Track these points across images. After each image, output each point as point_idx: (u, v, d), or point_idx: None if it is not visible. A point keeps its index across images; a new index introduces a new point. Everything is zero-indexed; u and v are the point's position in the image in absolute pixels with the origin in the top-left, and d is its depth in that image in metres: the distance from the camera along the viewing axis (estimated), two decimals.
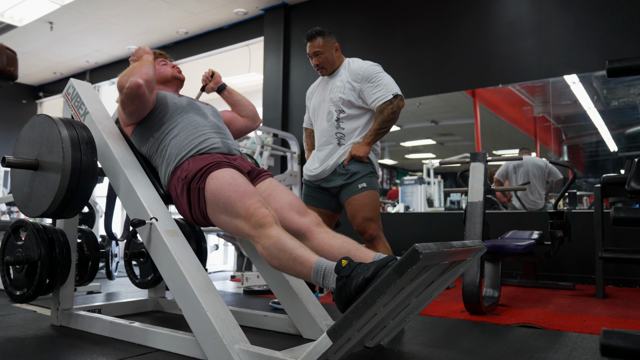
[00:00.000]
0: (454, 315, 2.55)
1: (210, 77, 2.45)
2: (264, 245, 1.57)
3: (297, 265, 1.49)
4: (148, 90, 1.92)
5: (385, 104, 2.53)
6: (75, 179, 1.86)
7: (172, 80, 2.27)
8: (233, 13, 6.21)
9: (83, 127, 1.98)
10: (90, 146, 1.92)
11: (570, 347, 1.90)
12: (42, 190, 1.91)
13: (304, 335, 2.01)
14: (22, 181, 2.02)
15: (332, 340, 1.26)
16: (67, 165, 1.83)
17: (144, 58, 2.03)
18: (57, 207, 1.88)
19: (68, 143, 1.85)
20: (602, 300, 3.09)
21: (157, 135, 2.01)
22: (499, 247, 2.87)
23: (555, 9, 4.29)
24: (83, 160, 1.87)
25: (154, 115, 2.03)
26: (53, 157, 1.88)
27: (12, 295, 2.22)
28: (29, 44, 7.35)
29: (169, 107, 2.05)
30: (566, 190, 3.61)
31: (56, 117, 1.95)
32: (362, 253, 1.63)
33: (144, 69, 1.93)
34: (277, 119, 5.76)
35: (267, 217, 1.60)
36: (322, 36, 2.66)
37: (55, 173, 1.86)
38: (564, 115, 4.49)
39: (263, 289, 3.44)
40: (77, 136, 1.90)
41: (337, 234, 1.76)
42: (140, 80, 1.87)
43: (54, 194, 1.85)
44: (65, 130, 1.88)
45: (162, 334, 1.82)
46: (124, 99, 1.92)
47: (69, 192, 1.86)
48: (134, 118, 2.03)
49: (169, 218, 1.87)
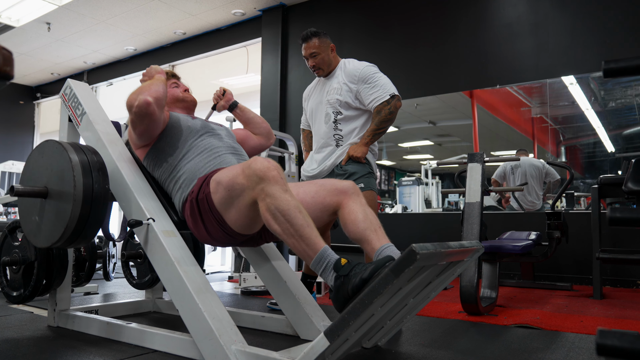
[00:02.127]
0: (451, 316, 2.55)
1: (222, 95, 2.36)
2: (268, 205, 1.50)
3: (301, 243, 1.46)
4: (158, 108, 1.85)
5: (383, 104, 2.53)
6: (87, 208, 1.77)
7: (184, 102, 2.20)
8: (231, 14, 6.20)
9: (93, 152, 1.91)
10: (102, 173, 1.85)
11: (567, 347, 1.90)
12: (52, 220, 1.83)
13: (302, 336, 2.01)
14: (31, 209, 1.94)
15: (329, 341, 1.26)
16: (78, 194, 1.75)
17: (155, 77, 1.98)
18: (69, 237, 1.80)
19: (79, 170, 1.78)
20: (600, 300, 3.09)
21: (170, 160, 1.94)
22: (497, 247, 2.87)
23: (552, 10, 4.30)
24: (95, 188, 1.80)
25: (166, 139, 1.96)
26: (63, 184, 1.80)
27: (9, 296, 2.22)
28: (27, 44, 7.33)
29: (183, 130, 1.98)
30: (564, 191, 3.61)
31: (65, 143, 1.88)
32: (376, 237, 1.63)
33: (154, 87, 1.88)
34: (274, 120, 5.76)
35: (270, 171, 1.52)
36: (317, 37, 2.66)
37: (66, 201, 1.78)
38: (562, 116, 4.50)
39: (260, 290, 3.43)
40: (87, 162, 1.82)
41: (367, 208, 1.73)
42: (150, 98, 1.81)
43: (65, 224, 1.76)
44: (75, 156, 1.81)
45: (159, 335, 1.82)
46: (133, 117, 1.86)
47: (80, 221, 1.77)
48: (144, 139, 1.95)
49: (166, 219, 1.87)
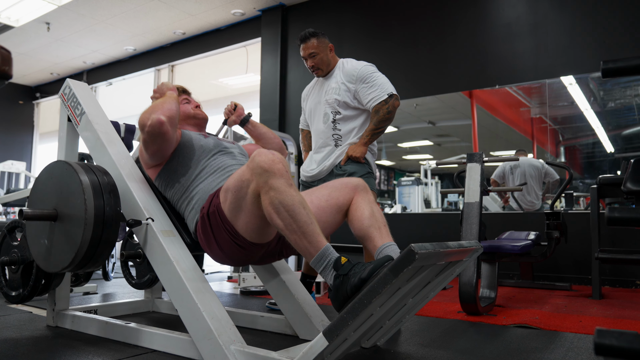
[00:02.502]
0: (450, 316, 2.55)
1: (233, 109, 2.29)
2: (271, 198, 1.46)
3: (303, 240, 1.44)
4: (171, 127, 1.80)
5: (381, 104, 2.53)
6: (99, 231, 1.71)
7: (195, 119, 2.14)
8: (230, 14, 6.21)
9: (104, 172, 1.85)
10: (113, 195, 1.79)
11: (566, 347, 1.90)
12: (63, 244, 1.77)
13: (300, 336, 2.01)
14: (39, 232, 1.87)
15: (328, 341, 1.26)
16: (89, 217, 1.69)
17: (167, 94, 1.94)
18: (80, 261, 1.74)
19: (90, 192, 1.72)
20: (599, 300, 3.09)
21: (183, 180, 1.88)
22: (496, 247, 2.87)
23: (551, 10, 4.30)
24: (106, 211, 1.73)
25: (179, 159, 1.90)
26: (74, 207, 1.74)
27: (8, 296, 2.21)
28: (26, 44, 7.33)
29: (195, 150, 1.92)
30: (563, 191, 3.61)
31: (75, 164, 1.82)
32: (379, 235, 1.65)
33: (166, 105, 1.82)
34: (274, 119, 5.76)
35: (275, 163, 1.48)
36: (315, 37, 2.66)
37: (76, 225, 1.71)
38: (561, 116, 4.50)
39: (260, 290, 3.43)
40: (98, 184, 1.76)
41: (375, 206, 1.75)
42: (163, 117, 1.75)
43: (76, 249, 1.70)
44: (86, 178, 1.75)
45: (158, 335, 1.82)
46: (145, 137, 1.80)
47: (92, 245, 1.71)
48: (157, 159, 1.90)
49: (165, 218, 1.87)
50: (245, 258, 1.75)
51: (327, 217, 1.75)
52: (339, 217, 1.78)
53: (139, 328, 1.89)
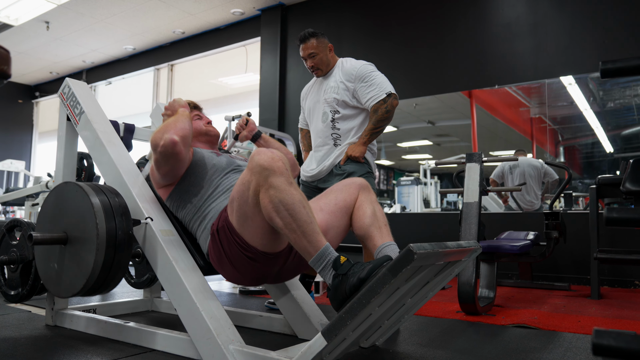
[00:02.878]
0: (449, 316, 2.55)
1: (245, 125, 2.23)
2: (271, 196, 1.44)
3: (303, 239, 1.43)
4: (184, 147, 1.75)
5: (379, 103, 2.53)
6: (111, 255, 1.67)
7: (207, 136, 2.09)
8: (230, 13, 6.20)
9: (115, 193, 1.80)
10: (125, 217, 1.74)
11: (564, 347, 1.90)
12: (73, 269, 1.73)
13: (299, 336, 2.01)
14: (49, 255, 1.83)
15: (326, 340, 1.26)
16: (101, 241, 1.65)
17: (179, 111, 1.89)
18: (92, 286, 1.70)
19: (101, 215, 1.67)
20: (597, 300, 3.09)
21: (195, 200, 1.82)
22: (495, 247, 2.87)
23: (551, 10, 4.30)
24: (118, 235, 1.69)
25: (191, 178, 1.85)
26: (85, 231, 1.70)
27: (7, 295, 2.21)
28: (25, 43, 7.32)
29: (208, 169, 1.87)
30: (562, 191, 3.62)
31: (85, 185, 1.77)
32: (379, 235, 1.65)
33: (180, 124, 1.77)
34: (273, 119, 5.76)
35: (275, 162, 1.46)
36: (315, 37, 2.66)
37: (88, 249, 1.67)
38: (560, 116, 4.51)
39: (258, 290, 3.43)
40: (110, 205, 1.72)
41: (376, 206, 1.75)
42: (176, 137, 1.70)
43: (88, 274, 1.66)
44: (96, 200, 1.71)
45: (157, 334, 1.82)
46: (158, 157, 1.75)
47: (104, 270, 1.67)
48: (169, 179, 1.84)
49: (164, 218, 1.87)
50: (259, 273, 1.69)
51: (339, 221, 1.75)
52: (349, 220, 1.78)
53: (138, 327, 1.89)
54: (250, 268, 1.64)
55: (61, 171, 2.26)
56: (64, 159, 2.25)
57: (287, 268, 1.75)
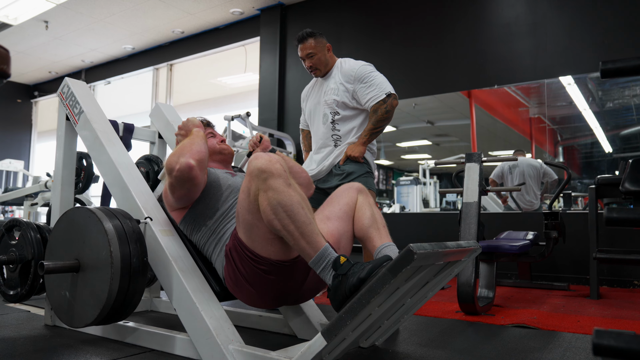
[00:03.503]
0: (448, 316, 2.55)
1: (258, 142, 2.18)
2: (269, 199, 1.42)
3: (301, 241, 1.42)
4: (201, 171, 1.70)
5: (379, 103, 2.53)
6: (126, 283, 1.61)
7: (221, 155, 2.04)
8: (229, 13, 6.20)
9: (127, 217, 1.75)
10: (140, 244, 1.69)
11: (564, 347, 1.91)
12: (86, 297, 1.67)
13: (299, 335, 2.01)
14: (60, 283, 1.78)
15: (326, 340, 1.26)
16: (116, 268, 1.59)
17: (193, 132, 1.84)
18: (106, 315, 1.64)
19: (116, 242, 1.62)
20: (596, 300, 3.10)
21: (210, 223, 1.76)
22: (494, 247, 2.87)
23: (550, 10, 4.31)
24: (133, 262, 1.63)
25: (206, 200, 1.78)
26: (98, 258, 1.64)
27: (6, 295, 2.21)
28: (24, 42, 7.31)
29: (223, 190, 1.81)
30: (561, 191, 3.62)
31: (97, 210, 1.71)
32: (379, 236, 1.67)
33: (195, 147, 1.72)
34: (273, 119, 5.76)
35: (273, 164, 1.45)
36: (313, 37, 2.66)
37: (102, 278, 1.61)
38: (559, 116, 4.51)
39: None
40: (124, 232, 1.66)
41: (374, 208, 1.77)
42: (193, 162, 1.65)
43: (102, 304, 1.60)
44: (110, 225, 1.65)
45: (156, 334, 1.82)
46: (173, 182, 1.69)
47: (118, 299, 1.61)
48: (183, 202, 1.78)
49: (163, 217, 1.87)
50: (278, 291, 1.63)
51: (348, 226, 1.75)
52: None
53: (137, 327, 1.89)
54: (266, 284, 1.59)
55: (60, 171, 2.25)
56: (63, 159, 2.25)
57: (308, 286, 1.70)
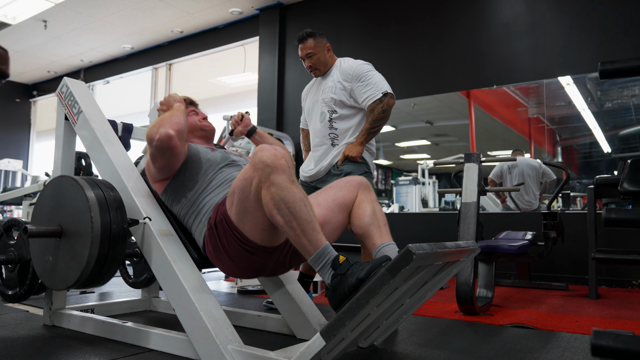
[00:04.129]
0: (447, 316, 2.55)
1: (240, 120, 2.28)
2: (272, 194, 1.45)
3: (303, 238, 1.44)
4: (180, 141, 1.77)
5: (375, 102, 2.53)
6: (105, 249, 1.68)
7: (203, 131, 2.11)
8: (228, 12, 6.20)
9: (110, 187, 1.82)
10: (120, 211, 1.75)
11: (562, 347, 1.91)
12: (68, 262, 1.74)
13: (298, 336, 2.01)
14: (44, 248, 1.85)
15: (325, 341, 1.26)
16: (96, 235, 1.66)
17: (174, 106, 1.90)
18: (86, 279, 1.71)
19: (97, 209, 1.68)
20: (595, 300, 3.10)
21: (190, 195, 1.83)
22: (493, 247, 2.87)
23: (549, 10, 4.31)
24: (113, 229, 1.70)
25: (186, 173, 1.86)
26: (80, 224, 1.70)
27: (4, 295, 2.21)
28: (23, 42, 7.30)
29: (203, 163, 1.88)
30: (560, 191, 3.62)
31: (80, 179, 1.78)
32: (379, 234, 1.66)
33: (175, 119, 1.79)
34: (272, 118, 5.76)
35: (278, 159, 1.47)
36: (313, 37, 2.66)
37: (83, 243, 1.68)
38: (558, 116, 4.51)
39: (257, 289, 3.43)
40: (105, 200, 1.72)
41: (376, 205, 1.76)
42: (171, 132, 1.72)
43: (82, 267, 1.67)
44: (92, 194, 1.71)
45: (155, 334, 1.82)
46: (154, 151, 1.77)
47: (98, 262, 1.68)
48: (164, 173, 1.85)
49: (162, 218, 1.87)
50: (256, 267, 1.71)
51: (336, 217, 1.75)
52: (346, 217, 1.79)
53: (136, 327, 1.89)
54: (248, 261, 1.66)
55: (59, 170, 2.25)
56: (62, 159, 2.25)
57: (283, 261, 1.76)
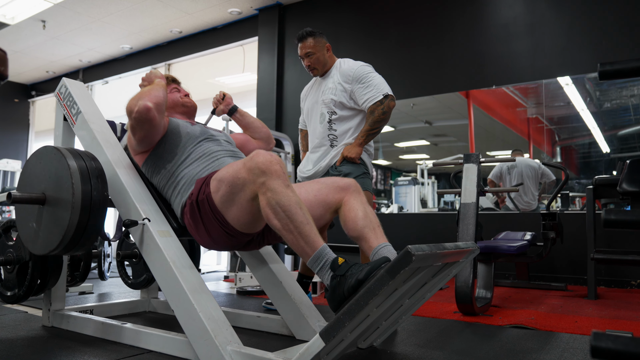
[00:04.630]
0: (446, 316, 2.55)
1: (222, 99, 2.34)
2: (268, 199, 1.49)
3: (300, 240, 1.46)
4: (158, 113, 1.83)
5: (376, 104, 2.53)
6: (86, 215, 1.74)
7: (184, 107, 2.18)
8: (227, 13, 6.19)
9: (92, 158, 1.88)
10: (101, 180, 1.82)
11: (561, 347, 1.91)
12: (50, 227, 1.80)
13: (297, 337, 2.01)
14: (28, 215, 1.91)
15: (324, 342, 1.26)
16: (77, 200, 1.72)
17: (155, 82, 1.96)
18: (67, 244, 1.77)
19: (77, 176, 1.75)
20: (594, 301, 3.10)
21: (169, 166, 1.91)
22: (492, 248, 2.88)
23: (548, 10, 4.31)
24: (94, 196, 1.76)
25: (165, 145, 1.94)
26: (61, 191, 1.76)
27: (3, 296, 2.20)
28: (22, 42, 7.29)
29: (182, 136, 1.96)
30: (559, 191, 3.62)
31: (64, 149, 1.84)
32: (374, 236, 1.66)
33: (154, 92, 1.86)
34: (271, 119, 5.76)
35: (272, 164, 1.51)
36: (312, 37, 2.66)
37: (64, 209, 1.74)
38: (557, 116, 4.52)
39: (256, 290, 3.43)
40: (86, 169, 1.79)
41: (367, 207, 1.75)
42: (150, 104, 1.79)
43: (64, 232, 1.74)
44: (74, 163, 1.78)
45: (154, 335, 1.81)
46: (133, 123, 1.84)
47: (79, 228, 1.74)
48: (144, 145, 1.93)
49: (161, 218, 1.87)
50: (231, 244, 1.81)
51: (313, 211, 1.76)
52: (326, 215, 1.80)
53: (135, 328, 1.89)
54: (226, 240, 1.76)
55: None
56: None
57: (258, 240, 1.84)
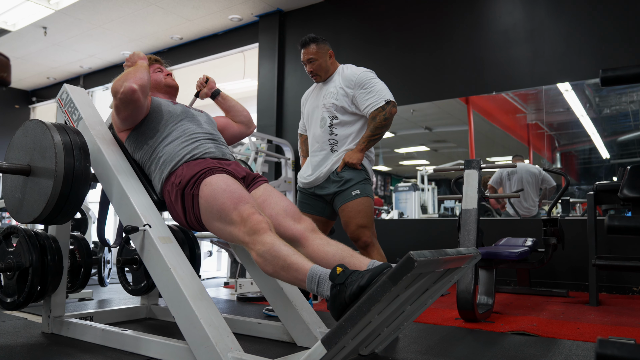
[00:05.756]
0: (448, 323, 2.54)
1: (205, 82, 2.47)
2: (258, 251, 1.57)
3: (291, 271, 1.50)
4: (142, 95, 1.93)
5: (378, 110, 2.53)
6: (68, 185, 1.84)
7: (167, 87, 2.29)
8: (228, 19, 6.21)
9: (76, 132, 1.97)
10: (83, 152, 1.91)
11: (564, 354, 1.90)
12: (34, 196, 1.89)
13: (298, 343, 2.00)
14: (14, 187, 2.01)
15: (326, 349, 1.25)
16: (59, 171, 1.82)
17: (138, 63, 2.05)
18: (49, 213, 1.87)
19: (61, 148, 1.84)
20: (596, 307, 3.09)
21: (150, 142, 2.01)
22: (493, 254, 2.87)
23: (548, 17, 4.33)
24: (76, 166, 1.86)
25: (148, 123, 2.04)
26: (45, 162, 1.86)
27: (3, 303, 2.20)
28: (23, 48, 7.31)
29: (164, 114, 2.06)
30: (560, 197, 3.62)
31: (49, 122, 1.94)
32: (357, 260, 1.63)
33: (139, 74, 1.94)
34: (271, 125, 5.76)
35: (261, 224, 1.61)
36: (315, 43, 2.67)
37: (47, 179, 1.84)
38: (557, 122, 4.52)
39: (257, 296, 3.42)
40: (70, 141, 1.88)
41: (332, 241, 1.76)
42: (135, 85, 1.88)
43: (46, 200, 1.83)
44: (58, 136, 1.87)
45: (154, 342, 1.81)
46: (118, 104, 1.93)
47: (61, 198, 1.84)
48: (128, 124, 2.03)
49: (162, 225, 1.86)
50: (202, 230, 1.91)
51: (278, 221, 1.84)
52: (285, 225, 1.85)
53: (135, 335, 1.88)
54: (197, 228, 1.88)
55: None
56: None
57: None
